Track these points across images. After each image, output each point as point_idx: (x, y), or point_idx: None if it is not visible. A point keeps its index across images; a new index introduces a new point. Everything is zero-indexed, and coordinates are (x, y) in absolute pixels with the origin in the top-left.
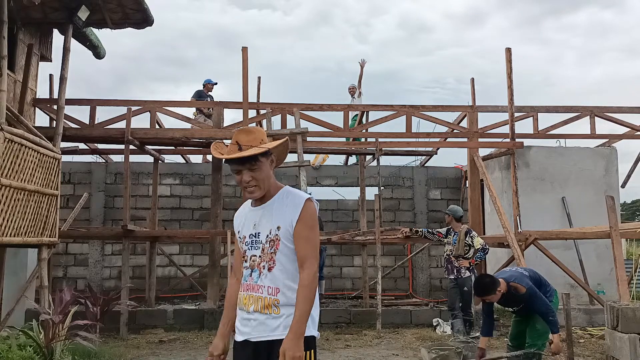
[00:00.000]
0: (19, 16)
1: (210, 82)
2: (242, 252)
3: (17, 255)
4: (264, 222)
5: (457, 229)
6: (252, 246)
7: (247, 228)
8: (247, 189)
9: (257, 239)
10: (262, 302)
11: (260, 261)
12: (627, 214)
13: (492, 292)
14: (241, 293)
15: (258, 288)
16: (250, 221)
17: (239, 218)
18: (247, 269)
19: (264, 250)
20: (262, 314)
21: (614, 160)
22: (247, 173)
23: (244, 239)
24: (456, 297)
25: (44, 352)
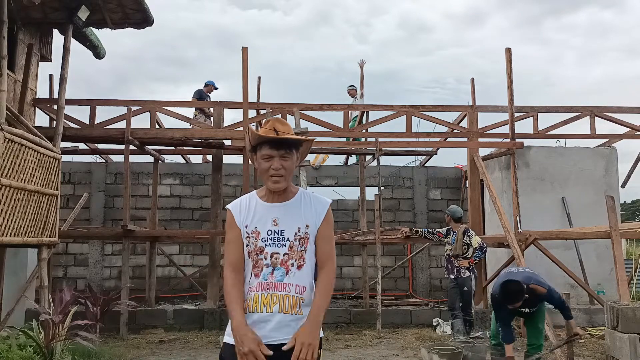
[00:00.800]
0: (19, 16)
1: (213, 84)
2: (252, 248)
3: (17, 255)
4: (290, 219)
5: (456, 228)
6: (273, 243)
7: (262, 223)
8: (273, 177)
9: (281, 236)
10: (289, 301)
11: (288, 259)
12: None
13: (519, 299)
14: (255, 293)
15: (284, 286)
16: (267, 216)
17: (243, 211)
18: (267, 266)
19: (292, 248)
20: (288, 314)
21: (614, 160)
22: (278, 160)
23: (257, 234)
24: (456, 297)
25: (44, 352)
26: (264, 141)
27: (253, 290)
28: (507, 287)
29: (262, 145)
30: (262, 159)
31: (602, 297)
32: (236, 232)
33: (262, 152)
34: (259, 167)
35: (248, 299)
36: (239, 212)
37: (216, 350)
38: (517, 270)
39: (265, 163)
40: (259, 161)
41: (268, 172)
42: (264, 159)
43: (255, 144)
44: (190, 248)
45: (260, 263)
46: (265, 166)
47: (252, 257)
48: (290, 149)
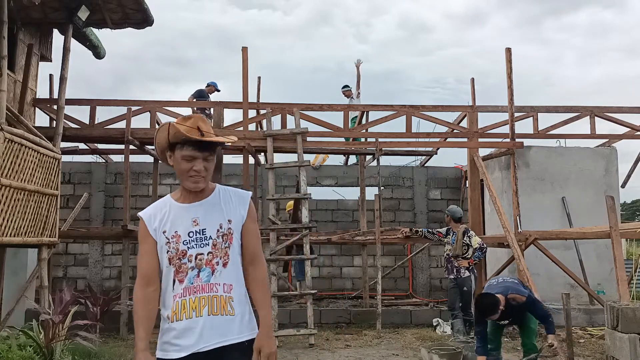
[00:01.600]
0: (19, 16)
1: (215, 86)
2: (174, 253)
3: (17, 255)
4: (210, 216)
5: (456, 229)
6: (195, 244)
7: (182, 225)
8: (192, 178)
9: (203, 235)
10: (217, 301)
11: (212, 257)
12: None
13: (495, 311)
14: (182, 299)
15: (212, 287)
16: (186, 218)
17: (158, 217)
18: (192, 269)
19: (215, 246)
20: (218, 315)
21: (614, 160)
22: (201, 162)
23: (178, 237)
24: (456, 297)
25: (44, 352)
26: (187, 141)
27: (178, 296)
28: (482, 300)
29: (184, 145)
30: (183, 159)
31: (602, 297)
32: (150, 242)
33: (183, 152)
34: (177, 167)
35: (173, 306)
36: (153, 220)
37: None
38: (497, 282)
39: (186, 164)
40: (178, 161)
41: (189, 172)
42: (185, 160)
43: (175, 142)
44: None
45: (184, 267)
46: (185, 167)
47: (174, 263)
48: (214, 151)
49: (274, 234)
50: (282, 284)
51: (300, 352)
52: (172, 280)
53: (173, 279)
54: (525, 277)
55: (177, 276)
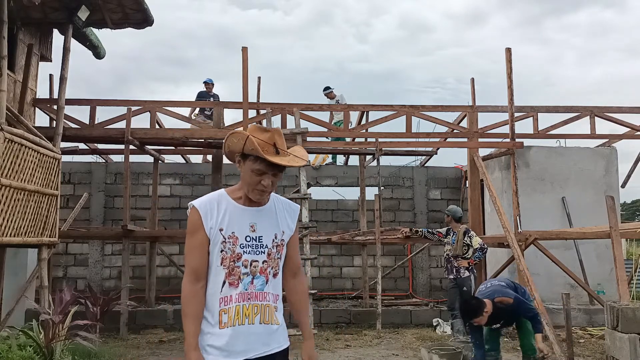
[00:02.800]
0: (19, 16)
1: (211, 81)
2: (229, 254)
3: (17, 255)
4: (267, 225)
5: (456, 229)
6: (251, 250)
7: (239, 228)
8: (258, 192)
9: (259, 243)
10: (269, 310)
11: (267, 267)
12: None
13: (479, 314)
14: (236, 305)
15: (264, 296)
16: (244, 221)
17: (212, 211)
18: (246, 275)
19: (270, 255)
20: (268, 324)
21: (614, 160)
22: (269, 177)
23: (235, 239)
24: (456, 297)
25: (44, 352)
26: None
27: (233, 301)
28: (465, 303)
29: (257, 159)
30: (253, 171)
31: (602, 297)
32: (202, 236)
33: (254, 166)
34: (246, 176)
35: (228, 310)
36: (209, 215)
37: None
38: (486, 287)
39: (255, 177)
40: (247, 171)
41: (256, 185)
42: (255, 173)
43: (249, 154)
44: None
45: (237, 271)
46: (254, 180)
47: (226, 265)
48: (284, 170)
49: None
50: None
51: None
52: (222, 282)
53: (223, 281)
54: (525, 277)
55: (228, 278)
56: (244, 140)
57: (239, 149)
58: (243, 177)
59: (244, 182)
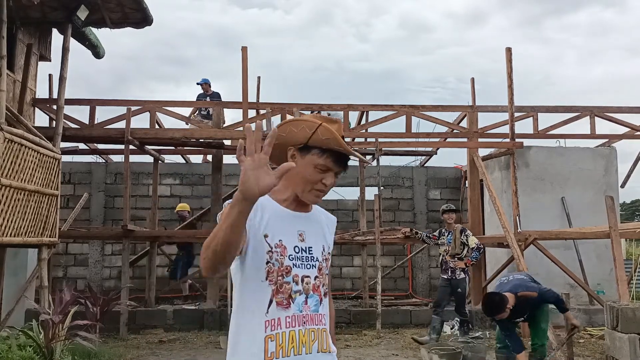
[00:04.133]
0: (18, 16)
1: (208, 82)
2: (277, 267)
3: (17, 255)
4: (315, 235)
5: (451, 228)
6: (302, 263)
7: (284, 235)
8: (316, 192)
9: (310, 255)
10: (325, 336)
11: (319, 284)
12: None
13: (502, 310)
14: (290, 330)
15: (320, 318)
16: (291, 227)
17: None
18: (298, 293)
19: (320, 270)
20: (326, 354)
21: (614, 160)
22: (332, 176)
23: (283, 249)
24: (445, 297)
25: (44, 352)
26: (332, 150)
27: (283, 325)
28: (487, 300)
29: (325, 153)
30: (317, 168)
31: (602, 297)
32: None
33: (320, 161)
34: (303, 173)
35: (276, 337)
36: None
37: (216, 350)
38: (508, 279)
39: (318, 174)
40: (308, 167)
41: (315, 184)
42: (319, 169)
43: (317, 145)
44: None
45: (286, 288)
46: (315, 177)
47: (273, 280)
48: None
49: None
50: None
51: None
52: (269, 301)
53: (270, 300)
54: None
55: (275, 297)
56: (314, 128)
57: (302, 140)
58: (297, 175)
59: (298, 180)
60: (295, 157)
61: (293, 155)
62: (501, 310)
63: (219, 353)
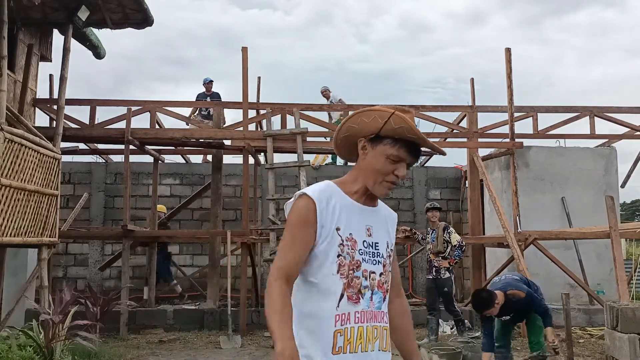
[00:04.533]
0: (19, 16)
1: (208, 80)
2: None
3: (17, 255)
4: (381, 230)
5: (435, 226)
6: (369, 258)
7: (354, 228)
8: (388, 184)
9: (377, 251)
10: (386, 335)
11: (384, 281)
12: (626, 214)
13: (491, 306)
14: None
15: (383, 316)
16: (359, 221)
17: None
18: (366, 289)
19: (384, 267)
20: (385, 352)
21: (614, 160)
22: (404, 167)
23: (354, 243)
24: (434, 297)
25: (44, 352)
26: (405, 139)
27: (352, 320)
28: (476, 295)
29: (398, 143)
30: (389, 158)
31: (602, 297)
32: (311, 232)
33: (392, 151)
34: (374, 164)
35: (344, 332)
36: (325, 206)
37: (216, 350)
38: (500, 279)
39: (390, 165)
40: (379, 158)
41: (387, 176)
42: (391, 159)
43: (389, 135)
44: (190, 248)
45: (356, 283)
46: (387, 168)
47: (344, 274)
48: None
49: (273, 234)
50: None
51: None
52: (340, 295)
53: (341, 294)
54: None
55: (346, 291)
56: (386, 117)
57: (373, 130)
58: (368, 167)
59: (369, 172)
60: (366, 149)
61: (364, 146)
62: (490, 306)
63: (219, 353)
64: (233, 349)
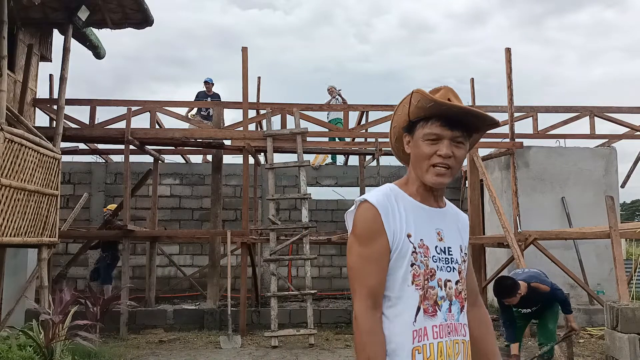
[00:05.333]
0: (19, 16)
1: (210, 80)
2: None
3: (17, 255)
4: (452, 233)
5: None
6: (443, 265)
7: (424, 233)
8: (436, 168)
9: (450, 256)
10: (468, 350)
11: (461, 289)
12: (626, 214)
13: (513, 294)
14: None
15: (463, 328)
16: (428, 225)
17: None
18: (443, 300)
19: (460, 274)
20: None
21: (614, 160)
22: (448, 145)
23: (425, 250)
24: None
25: (44, 352)
26: (436, 114)
27: (430, 335)
28: (501, 282)
29: (430, 120)
30: (426, 139)
31: (602, 297)
32: (383, 243)
33: (426, 130)
34: (416, 153)
35: (423, 349)
36: (390, 212)
37: (216, 350)
38: (523, 271)
39: (428, 147)
40: (418, 143)
41: (430, 159)
42: (428, 141)
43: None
44: (190, 248)
45: (431, 293)
46: (427, 151)
47: (420, 284)
48: (468, 132)
49: (273, 234)
50: (282, 284)
51: (300, 352)
52: (417, 308)
53: (418, 307)
54: None
55: (422, 303)
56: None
57: (405, 118)
58: (414, 157)
59: (416, 162)
60: (410, 142)
61: (408, 141)
62: (512, 294)
63: (219, 353)
64: (233, 349)
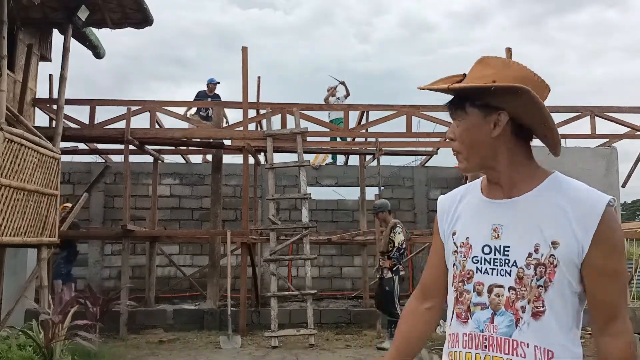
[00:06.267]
0: (19, 16)
1: (212, 81)
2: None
3: (17, 255)
4: (521, 228)
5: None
6: (491, 267)
7: (474, 230)
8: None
9: (505, 257)
10: None
11: (517, 298)
12: (627, 214)
13: None
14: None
15: (514, 347)
16: (483, 220)
17: (451, 207)
18: (478, 307)
19: (521, 280)
20: None
21: (615, 160)
22: (453, 126)
23: (467, 248)
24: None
25: (44, 352)
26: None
27: (460, 343)
28: None
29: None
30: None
31: None
32: (437, 243)
33: None
34: None
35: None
36: (447, 212)
37: (216, 350)
38: None
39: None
40: None
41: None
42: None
43: None
44: (190, 248)
45: (465, 297)
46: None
47: (455, 286)
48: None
49: (273, 234)
50: (282, 284)
51: (301, 352)
52: (452, 311)
53: (452, 310)
54: None
55: (455, 306)
56: None
57: None
58: None
59: None
60: None
61: None
62: None
63: (219, 353)
64: (233, 349)
